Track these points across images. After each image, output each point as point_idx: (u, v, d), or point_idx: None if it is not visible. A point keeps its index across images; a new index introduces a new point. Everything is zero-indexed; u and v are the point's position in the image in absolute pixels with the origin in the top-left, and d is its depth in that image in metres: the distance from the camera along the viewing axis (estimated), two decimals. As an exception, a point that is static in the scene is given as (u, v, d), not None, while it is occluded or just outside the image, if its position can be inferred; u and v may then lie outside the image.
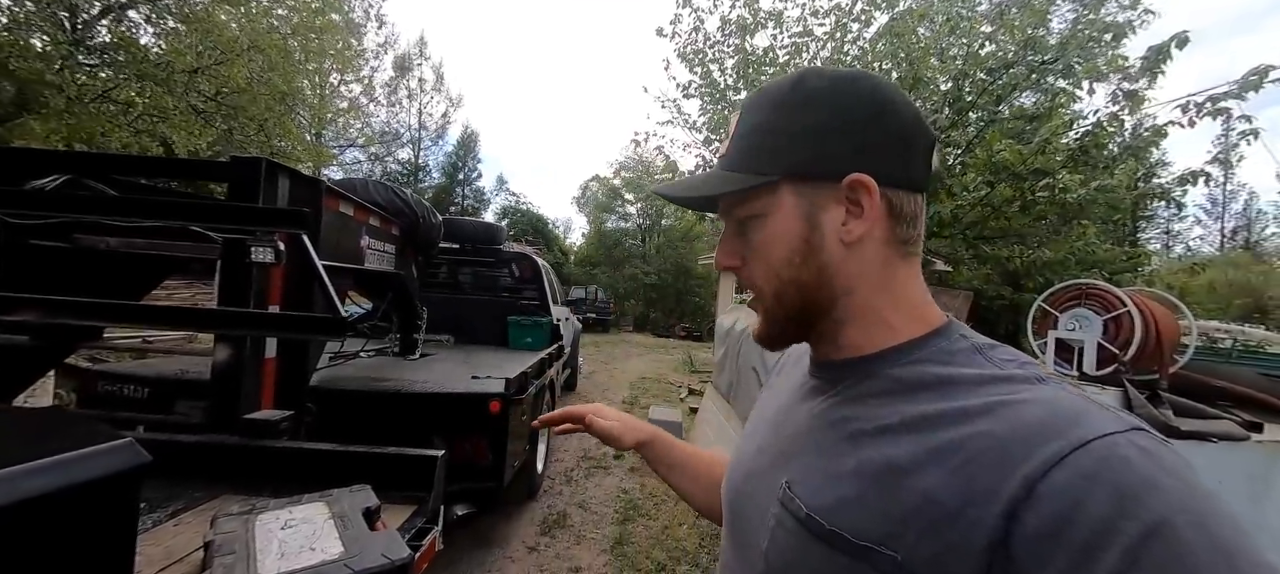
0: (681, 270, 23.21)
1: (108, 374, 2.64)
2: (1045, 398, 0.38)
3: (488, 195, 30.46)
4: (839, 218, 0.46)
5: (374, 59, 22.81)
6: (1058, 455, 0.33)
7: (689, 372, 10.45)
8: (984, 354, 0.44)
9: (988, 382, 0.41)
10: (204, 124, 7.04)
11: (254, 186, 1.56)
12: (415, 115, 26.91)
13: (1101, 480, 0.31)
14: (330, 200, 2.05)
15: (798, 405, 0.54)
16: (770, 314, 0.51)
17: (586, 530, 3.31)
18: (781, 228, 0.47)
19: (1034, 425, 0.36)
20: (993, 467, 0.35)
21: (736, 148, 0.50)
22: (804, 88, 0.47)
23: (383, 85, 24.29)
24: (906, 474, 0.39)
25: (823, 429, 0.48)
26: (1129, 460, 0.32)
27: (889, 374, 0.46)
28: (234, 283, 1.55)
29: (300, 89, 9.12)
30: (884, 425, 0.43)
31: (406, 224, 3.12)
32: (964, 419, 0.39)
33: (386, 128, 25.00)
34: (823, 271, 0.47)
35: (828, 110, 0.46)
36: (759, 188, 0.48)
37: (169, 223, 1.54)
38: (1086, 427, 0.34)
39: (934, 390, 0.42)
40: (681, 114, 5.46)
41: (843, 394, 0.49)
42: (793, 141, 0.47)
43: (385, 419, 2.60)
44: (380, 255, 2.82)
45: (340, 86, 15.11)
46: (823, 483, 0.44)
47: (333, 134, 18.05)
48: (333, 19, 8.65)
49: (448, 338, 4.74)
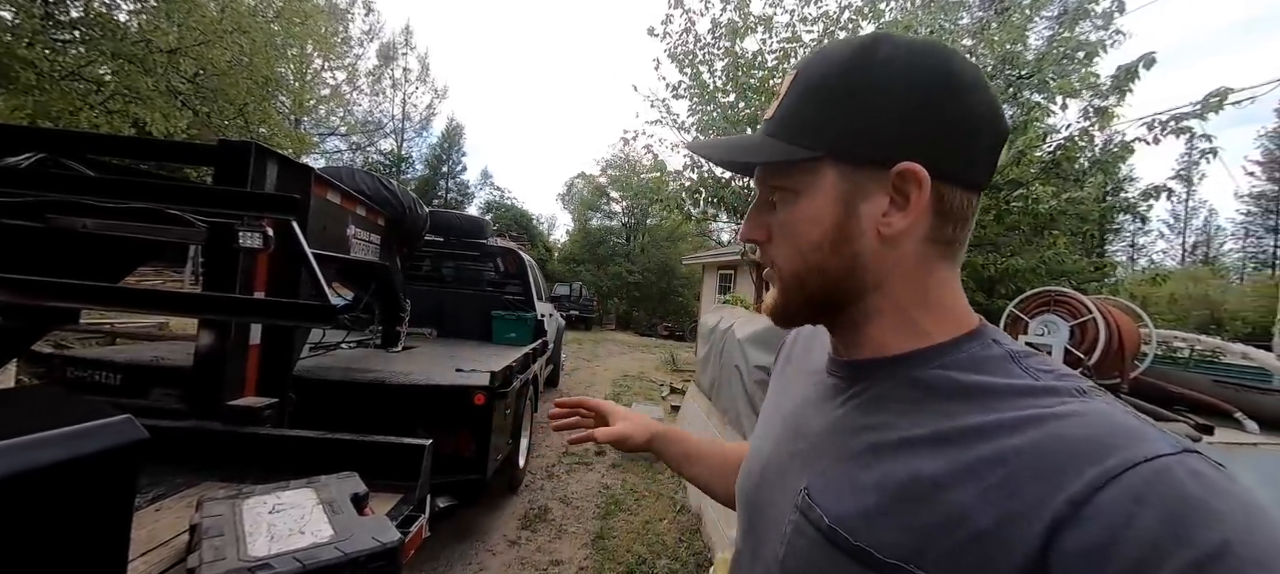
0: (666, 270, 23.29)
1: (77, 360, 2.57)
2: (1091, 413, 0.35)
3: (472, 189, 30.18)
4: (880, 207, 0.42)
5: (358, 46, 22.41)
6: (1106, 476, 0.31)
7: (671, 370, 10.52)
8: (1019, 362, 0.40)
9: (1025, 393, 0.38)
10: (180, 106, 6.80)
11: (242, 171, 1.54)
12: (399, 105, 26.49)
13: (1153, 503, 0.30)
14: (318, 187, 2.04)
15: (815, 404, 0.51)
16: (788, 296, 0.48)
17: (568, 525, 3.33)
18: (816, 209, 0.44)
19: (1079, 442, 0.33)
20: (1033, 484, 0.33)
21: (782, 113, 0.46)
22: (871, 55, 0.42)
23: (367, 74, 23.84)
24: (936, 489, 0.37)
25: (844, 434, 0.45)
26: (1183, 484, 0.30)
27: (915, 379, 0.43)
28: (220, 268, 1.53)
29: (283, 76, 8.90)
30: (910, 436, 0.40)
31: (393, 215, 3.10)
32: (1000, 433, 0.36)
33: (369, 117, 24.56)
34: (854, 262, 0.44)
35: (891, 85, 0.41)
36: (798, 161, 0.44)
37: (154, 205, 1.52)
38: (1136, 447, 0.32)
39: (965, 399, 0.40)
40: (670, 114, 5.49)
41: (864, 397, 0.46)
42: (845, 115, 0.42)
43: (368, 410, 2.58)
44: (365, 246, 2.80)
45: (323, 73, 14.80)
46: (844, 493, 0.42)
47: (313, 122, 17.67)
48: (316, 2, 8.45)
49: (430, 331, 4.71)
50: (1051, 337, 2.92)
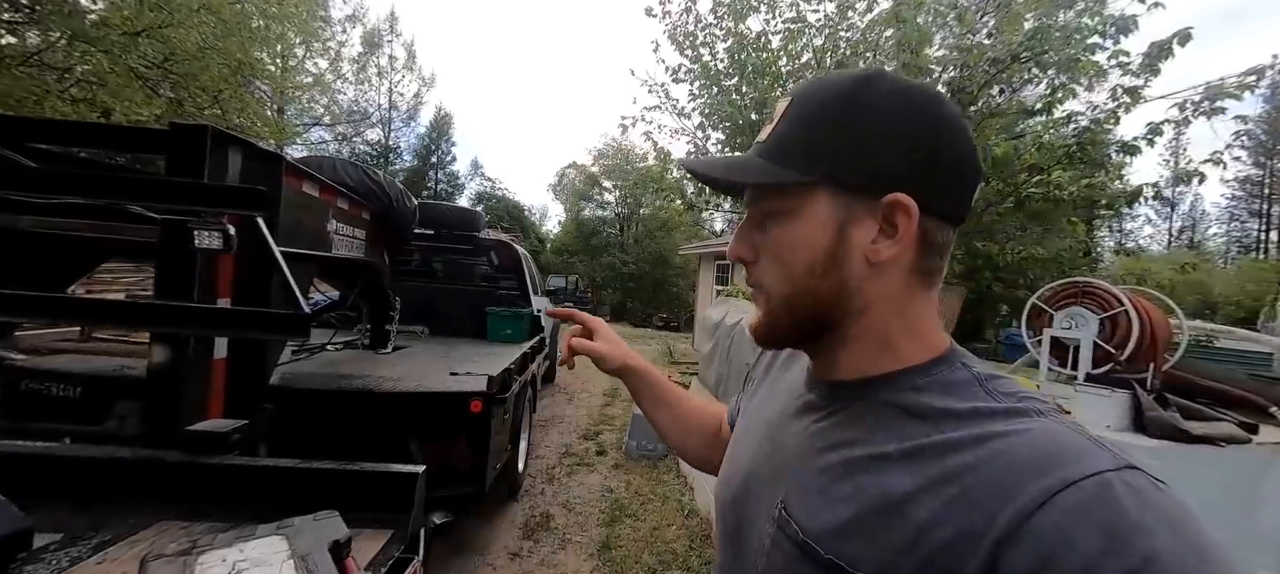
0: (660, 260, 23.10)
1: (32, 371, 2.34)
2: (1041, 432, 0.37)
3: (462, 180, 29.69)
4: (869, 235, 0.44)
5: (341, 32, 21.77)
6: (1048, 492, 0.33)
7: (669, 363, 10.36)
8: (984, 385, 0.43)
9: (985, 415, 0.40)
10: (149, 93, 6.38)
11: (198, 160, 1.32)
12: (385, 94, 25.90)
13: (1091, 518, 0.31)
14: (292, 178, 1.82)
15: (793, 420, 0.52)
16: (774, 318, 0.49)
17: (571, 533, 3.16)
18: (807, 233, 0.45)
19: (1027, 460, 0.35)
20: (985, 500, 0.35)
21: (778, 137, 0.46)
22: (868, 89, 0.44)
23: (351, 61, 23.22)
24: (903, 505, 0.39)
25: (819, 450, 0.47)
26: (1119, 500, 0.32)
27: (888, 401, 0.45)
28: (174, 272, 1.32)
29: (260, 61, 8.49)
30: (881, 453, 0.42)
31: (379, 208, 2.88)
32: (959, 450, 0.38)
33: (355, 106, 23.96)
34: (842, 287, 0.45)
35: (886, 120, 0.43)
36: (793, 185, 0.45)
37: (96, 201, 1.30)
38: (1079, 464, 0.34)
39: (932, 420, 0.41)
40: (670, 99, 5.27)
41: (840, 416, 0.47)
42: (841, 143, 0.44)
43: (354, 421, 2.38)
44: (349, 242, 2.58)
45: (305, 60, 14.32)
46: (819, 507, 0.44)
47: (296, 111, 17.16)
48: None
49: (422, 329, 4.49)
50: (1079, 330, 2.77)
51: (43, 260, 1.77)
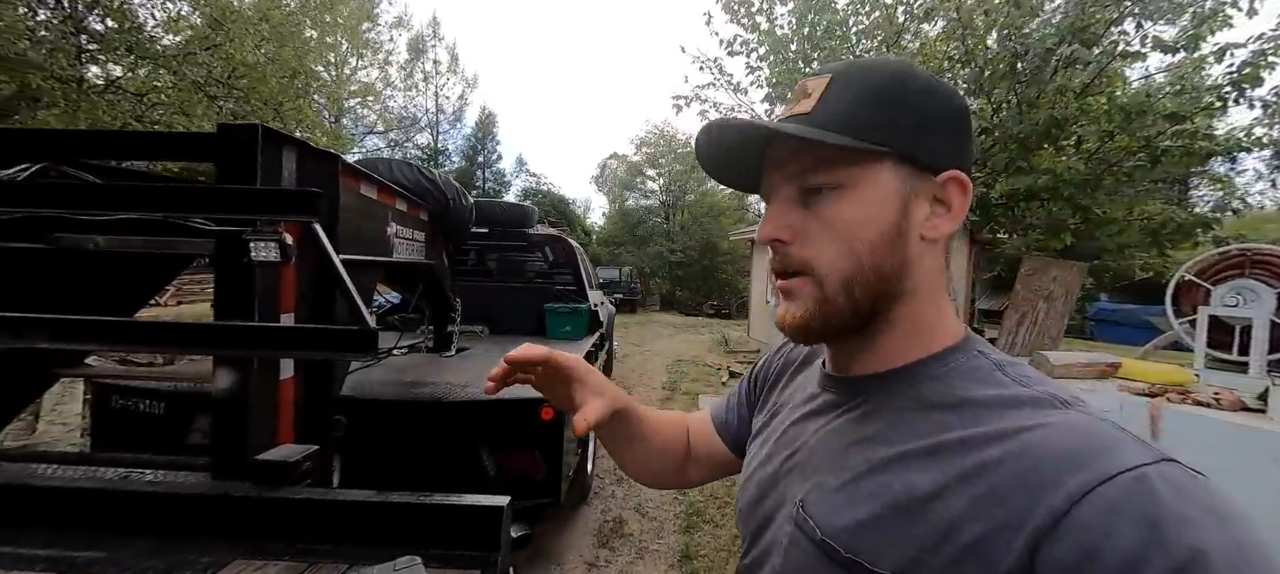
0: (708, 246, 22.64)
1: (123, 388, 2.38)
2: (1071, 425, 0.36)
3: (508, 177, 30.12)
4: (924, 212, 0.45)
5: (389, 41, 22.46)
6: (1085, 487, 0.32)
7: (726, 352, 10.05)
8: (1005, 371, 0.43)
9: (1010, 404, 0.40)
10: (210, 104, 6.67)
11: (249, 163, 1.19)
12: (432, 98, 26.58)
13: (1130, 513, 0.31)
14: (350, 180, 1.69)
15: (810, 419, 0.52)
16: (829, 303, 0.45)
17: (648, 541, 2.99)
18: (876, 206, 0.43)
19: (1060, 455, 0.34)
20: (1016, 497, 0.34)
21: (834, 110, 0.44)
22: (912, 73, 0.45)
23: (399, 68, 23.95)
24: (928, 502, 0.38)
25: (839, 449, 0.46)
26: (1158, 494, 0.31)
27: (910, 392, 0.44)
28: (231, 288, 1.20)
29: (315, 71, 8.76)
30: (905, 450, 0.41)
31: (436, 208, 2.78)
32: (985, 445, 0.38)
33: (404, 112, 24.75)
34: (904, 264, 0.44)
35: (935, 102, 0.45)
36: (854, 156, 0.43)
37: (148, 215, 1.20)
38: (1115, 458, 0.33)
39: (956, 412, 0.41)
40: (723, 74, 4.94)
41: (859, 412, 0.47)
42: (906, 118, 0.44)
43: (425, 432, 2.29)
44: (409, 244, 2.48)
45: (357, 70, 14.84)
46: (839, 506, 0.43)
47: (351, 121, 17.88)
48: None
49: (482, 329, 4.44)
50: (1249, 307, 2.28)
51: (117, 280, 1.73)
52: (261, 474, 1.21)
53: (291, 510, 1.17)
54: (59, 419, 3.73)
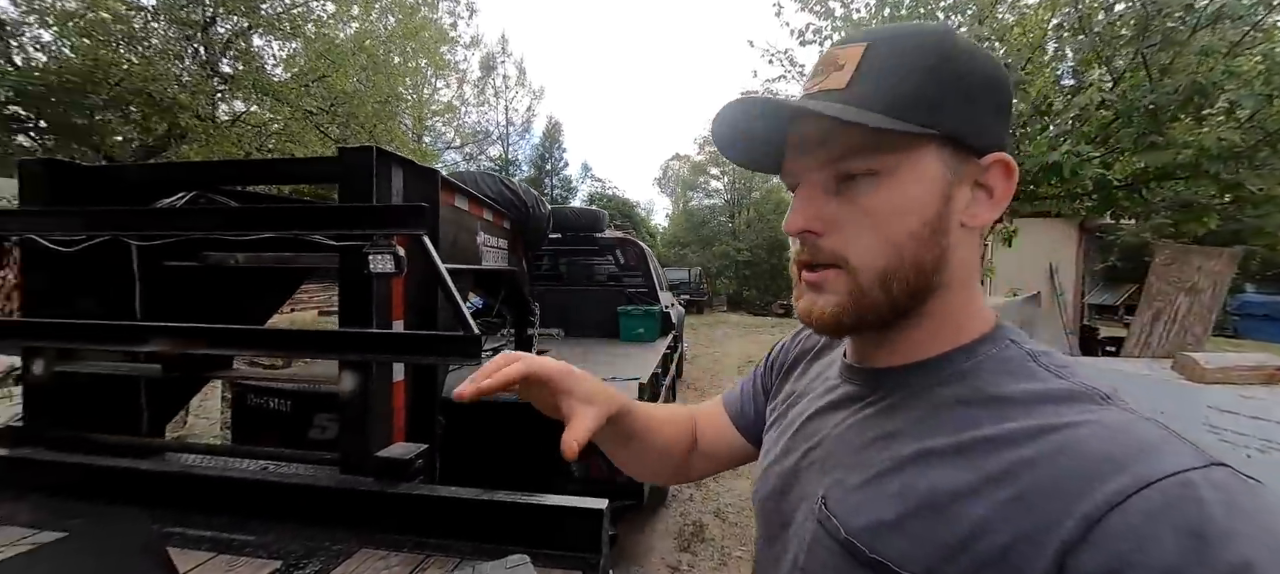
0: (776, 244, 21.98)
1: (257, 388, 2.68)
2: (1110, 423, 0.33)
3: (574, 183, 30.96)
4: (966, 198, 0.41)
5: (463, 60, 23.79)
6: (1122, 493, 0.29)
7: (799, 352, 9.69)
8: (1038, 361, 0.39)
9: (1044, 399, 0.37)
10: (317, 131, 7.50)
11: (366, 182, 1.29)
12: (502, 112, 27.87)
13: (1172, 522, 0.28)
14: (446, 194, 1.80)
15: (831, 412, 0.49)
16: (864, 297, 0.41)
17: (730, 546, 2.94)
18: (917, 194, 0.40)
19: (1096, 457, 0.32)
20: (1047, 503, 0.32)
21: (870, 84, 0.39)
22: (954, 42, 0.40)
23: (473, 85, 25.33)
24: (954, 503, 0.35)
25: (862, 445, 0.44)
26: (1204, 502, 0.28)
27: (935, 386, 0.42)
28: (352, 298, 1.31)
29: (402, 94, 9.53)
30: (929, 447, 0.39)
31: (517, 216, 2.90)
32: (1016, 444, 0.35)
33: (477, 127, 26.13)
34: (944, 256, 0.41)
35: (981, 77, 0.40)
36: (895, 139, 0.39)
37: (281, 233, 1.33)
38: (1157, 461, 0.30)
39: (985, 407, 0.38)
40: (794, 66, 4.77)
41: (883, 405, 0.44)
42: (951, 97, 0.39)
43: (512, 432, 2.38)
44: (495, 252, 2.59)
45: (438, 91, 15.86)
46: (863, 505, 0.41)
47: (433, 137, 19.11)
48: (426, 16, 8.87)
49: (558, 332, 4.58)
50: None
51: (253, 292, 1.95)
52: (381, 470, 1.30)
53: (408, 505, 1.25)
54: (203, 414, 4.27)
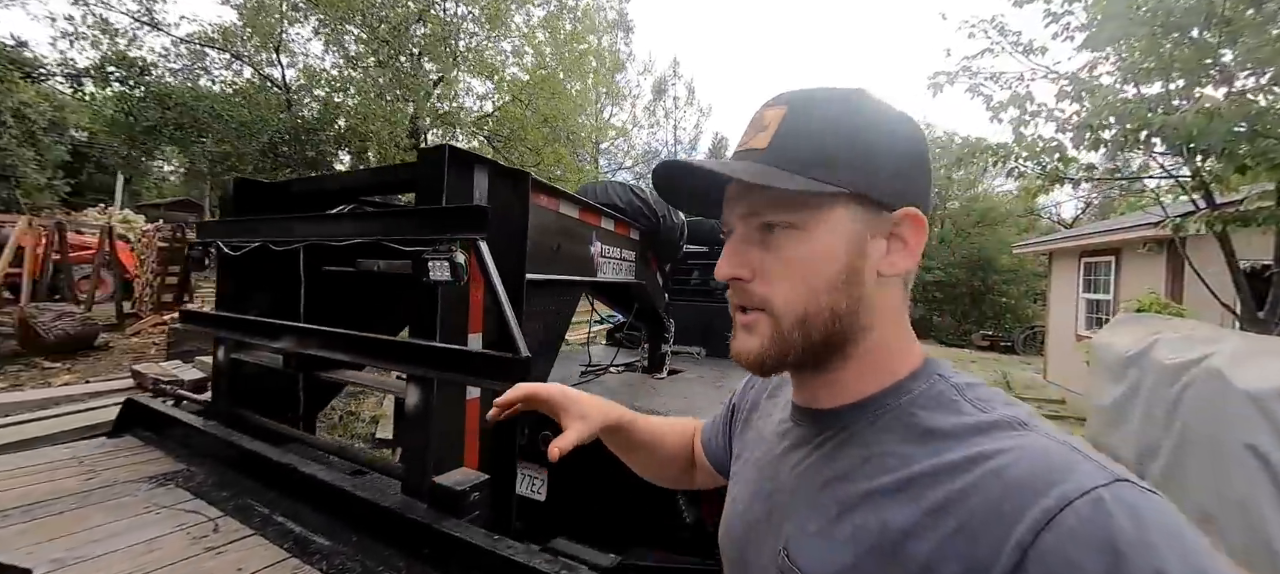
0: (978, 264, 18.40)
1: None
2: (1028, 449, 0.36)
3: (737, 198, 30.40)
4: (881, 249, 0.45)
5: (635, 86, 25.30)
6: (1046, 516, 0.32)
7: (1008, 398, 7.76)
8: (964, 395, 0.42)
9: (970, 432, 0.39)
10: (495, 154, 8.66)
11: (437, 182, 1.20)
12: (671, 132, 28.84)
13: (1089, 540, 0.31)
14: (546, 198, 1.67)
15: (785, 456, 0.51)
16: (785, 340, 0.45)
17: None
18: (830, 245, 0.43)
19: (1019, 482, 0.34)
20: (985, 531, 0.34)
21: (787, 147, 0.44)
22: (865, 103, 0.45)
23: (644, 109, 26.74)
24: (903, 542, 0.37)
25: (814, 488, 0.46)
26: (1114, 518, 0.31)
27: (876, 424, 0.44)
28: (419, 307, 1.22)
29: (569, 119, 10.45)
30: (875, 487, 0.41)
31: (647, 227, 2.71)
32: (952, 475, 0.37)
33: (647, 147, 27.46)
34: (860, 303, 0.44)
35: (889, 136, 0.44)
36: (810, 196, 0.43)
37: (366, 238, 1.32)
38: (1070, 482, 0.33)
39: (920, 442, 0.41)
40: (1005, 35, 3.77)
41: (828, 447, 0.46)
42: (860, 155, 0.43)
43: (628, 476, 2.16)
44: (617, 264, 2.43)
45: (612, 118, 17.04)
46: (821, 551, 0.42)
47: (608, 161, 20.61)
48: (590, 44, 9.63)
49: (698, 350, 4.28)
50: None
51: (388, 296, 2.08)
52: (436, 498, 1.18)
53: (451, 547, 1.09)
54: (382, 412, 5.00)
